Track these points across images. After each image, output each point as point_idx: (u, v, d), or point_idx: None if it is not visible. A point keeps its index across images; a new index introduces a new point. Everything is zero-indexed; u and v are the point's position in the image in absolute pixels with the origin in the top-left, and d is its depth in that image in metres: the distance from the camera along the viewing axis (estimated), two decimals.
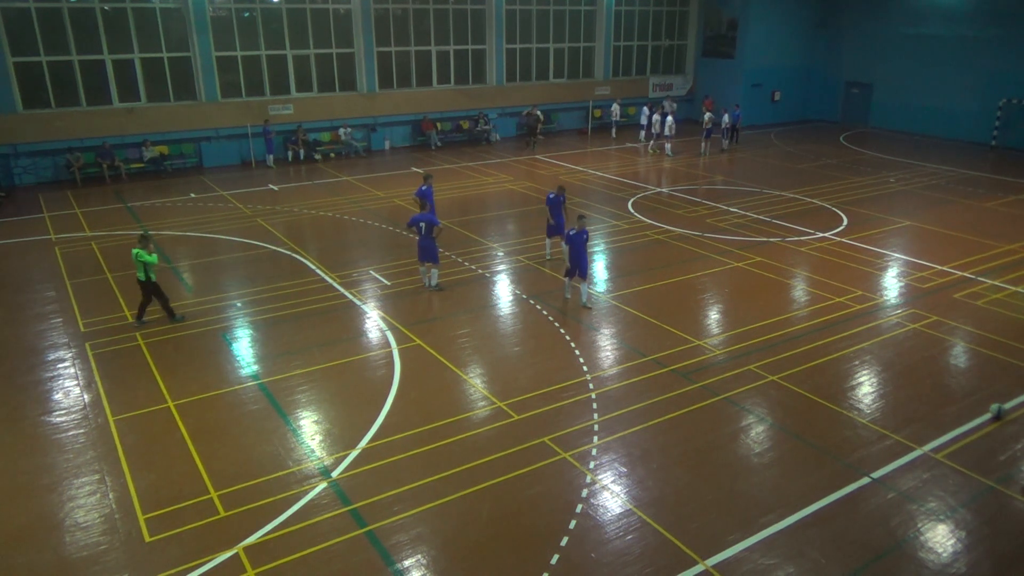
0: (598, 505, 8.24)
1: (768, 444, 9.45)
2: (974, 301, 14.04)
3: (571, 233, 13.42)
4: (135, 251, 12.43)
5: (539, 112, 31.19)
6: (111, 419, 9.95)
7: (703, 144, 29.15)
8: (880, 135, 33.66)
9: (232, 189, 23.07)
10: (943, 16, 31.80)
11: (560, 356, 11.76)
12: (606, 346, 12.21)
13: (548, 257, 16.33)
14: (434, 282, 14.43)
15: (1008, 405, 10.18)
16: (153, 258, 12.49)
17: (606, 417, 9.96)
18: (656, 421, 9.89)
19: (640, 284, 14.84)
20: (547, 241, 16.44)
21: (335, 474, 8.76)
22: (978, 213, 20.50)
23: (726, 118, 29.71)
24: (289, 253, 16.79)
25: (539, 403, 10.30)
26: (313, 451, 9.25)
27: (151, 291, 12.78)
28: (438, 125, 30.67)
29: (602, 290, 14.54)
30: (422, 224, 14.14)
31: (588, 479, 8.67)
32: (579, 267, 13.42)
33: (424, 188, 16.01)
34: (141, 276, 12.56)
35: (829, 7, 35.98)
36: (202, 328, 12.82)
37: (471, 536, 7.77)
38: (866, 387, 10.90)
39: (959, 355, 12.01)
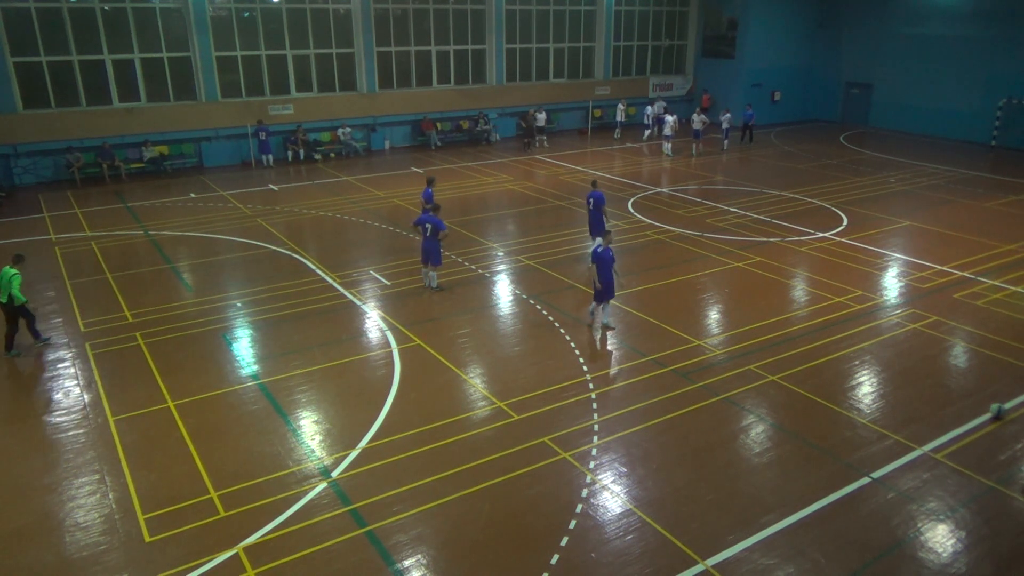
0: (598, 505, 8.24)
1: (768, 444, 9.45)
2: (974, 301, 14.04)
3: (598, 250, 12.24)
4: (8, 270, 11.49)
5: (534, 112, 30.94)
6: (111, 419, 9.95)
7: (694, 145, 28.66)
8: (880, 135, 33.66)
9: (232, 189, 23.07)
10: (943, 16, 31.79)
11: (560, 356, 11.76)
12: (606, 346, 12.21)
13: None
14: (434, 284, 14.43)
15: (1008, 405, 10.18)
16: (21, 297, 11.55)
17: (606, 417, 9.96)
18: (656, 421, 9.89)
19: (640, 284, 14.84)
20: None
21: (335, 474, 8.76)
22: (978, 213, 20.49)
23: (727, 117, 29.63)
24: (289, 253, 16.79)
25: (539, 403, 10.29)
26: (313, 451, 9.25)
27: (17, 314, 11.68)
28: (438, 125, 30.66)
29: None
30: (427, 225, 14.15)
31: (588, 479, 8.67)
32: (610, 288, 12.36)
33: (428, 190, 16.19)
34: (3, 299, 11.50)
35: (829, 7, 35.98)
36: (202, 328, 12.82)
37: (471, 536, 7.77)
38: (866, 387, 10.89)
39: (959, 355, 12.01)
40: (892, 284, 15.06)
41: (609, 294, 12.47)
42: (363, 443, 9.37)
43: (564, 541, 7.65)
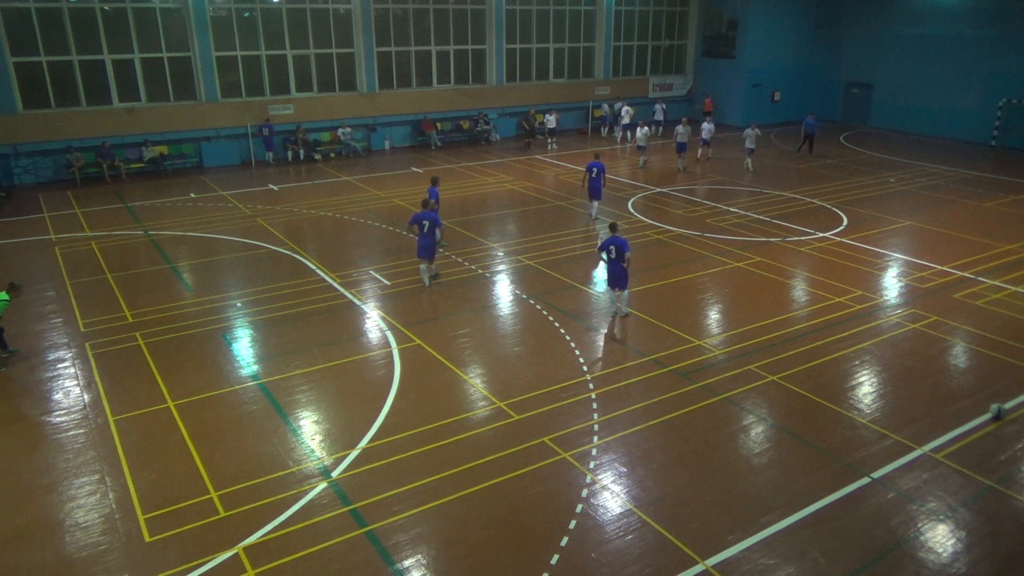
0: (598, 505, 8.24)
1: (768, 444, 9.45)
2: (974, 301, 14.04)
3: (606, 239, 12.87)
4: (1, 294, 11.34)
5: (533, 112, 30.80)
6: (111, 419, 9.95)
7: (679, 161, 26.16)
8: (880, 135, 33.65)
9: (232, 189, 23.06)
10: (943, 16, 31.79)
11: (560, 356, 11.76)
12: (606, 346, 12.21)
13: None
14: (432, 273, 14.57)
15: (1008, 405, 10.18)
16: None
17: (606, 417, 9.96)
18: (656, 421, 9.89)
19: (640, 284, 14.82)
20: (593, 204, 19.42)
21: (335, 474, 8.76)
22: (978, 213, 20.49)
23: (710, 127, 27.53)
24: (289, 253, 16.79)
25: (539, 403, 10.29)
26: (313, 451, 9.25)
27: None
28: (438, 125, 30.66)
29: (602, 290, 14.52)
30: (425, 222, 14.19)
31: (588, 479, 8.67)
32: (612, 278, 12.92)
33: (434, 189, 16.29)
34: None
35: (829, 7, 35.97)
36: (202, 328, 12.82)
37: (471, 536, 7.77)
38: (866, 387, 10.89)
39: (959, 355, 12.01)
40: (892, 284, 15.05)
41: (614, 283, 12.88)
42: (363, 443, 9.37)
43: (564, 541, 7.65)
